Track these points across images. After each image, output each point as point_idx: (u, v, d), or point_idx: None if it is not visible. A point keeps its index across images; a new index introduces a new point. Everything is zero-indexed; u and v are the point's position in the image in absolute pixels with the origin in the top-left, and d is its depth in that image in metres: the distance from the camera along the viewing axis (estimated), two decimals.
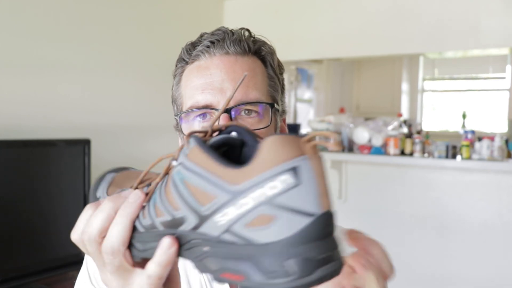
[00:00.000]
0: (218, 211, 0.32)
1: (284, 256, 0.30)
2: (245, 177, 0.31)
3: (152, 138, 2.31)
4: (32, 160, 1.60)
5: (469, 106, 5.16)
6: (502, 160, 2.65)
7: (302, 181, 0.30)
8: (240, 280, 0.32)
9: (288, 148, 0.30)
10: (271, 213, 0.30)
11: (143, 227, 0.38)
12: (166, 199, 0.37)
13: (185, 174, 0.35)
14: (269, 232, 0.30)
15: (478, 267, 2.55)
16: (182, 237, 0.36)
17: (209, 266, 0.34)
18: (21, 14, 1.79)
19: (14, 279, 1.52)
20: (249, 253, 0.31)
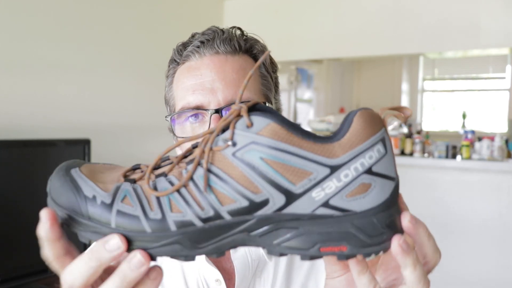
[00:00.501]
0: (316, 187, 0.33)
1: (385, 218, 0.33)
2: (344, 149, 0.32)
3: (152, 138, 2.31)
4: (32, 160, 1.60)
5: (469, 106, 5.16)
6: (502, 160, 2.66)
7: (388, 150, 0.34)
8: (342, 250, 0.33)
9: (376, 121, 0.34)
10: (369, 181, 0.33)
11: (202, 220, 0.33)
12: (235, 183, 0.33)
13: (265, 152, 0.32)
14: (368, 199, 0.33)
15: (478, 266, 2.55)
16: (255, 224, 0.33)
17: (298, 246, 0.33)
18: (21, 14, 1.79)
19: (14, 279, 1.52)
20: (351, 222, 0.33)
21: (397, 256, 0.34)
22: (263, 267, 0.64)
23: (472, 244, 2.58)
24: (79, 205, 0.33)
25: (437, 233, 2.16)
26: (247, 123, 0.33)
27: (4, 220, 1.51)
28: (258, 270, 0.64)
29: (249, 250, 0.63)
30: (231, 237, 0.33)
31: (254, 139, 0.33)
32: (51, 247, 0.34)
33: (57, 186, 0.34)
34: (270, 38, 0.71)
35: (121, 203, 0.33)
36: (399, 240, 0.34)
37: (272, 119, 0.33)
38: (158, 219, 0.33)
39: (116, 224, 0.33)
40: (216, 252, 0.34)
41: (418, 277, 0.36)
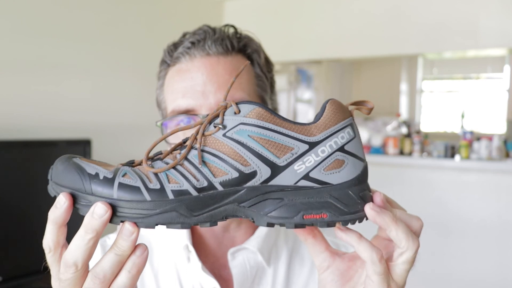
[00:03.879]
0: (298, 160, 0.37)
1: (358, 191, 0.38)
2: (319, 129, 0.38)
3: (153, 138, 2.31)
4: (33, 160, 1.61)
5: (467, 106, 5.17)
6: (500, 160, 2.67)
7: (356, 134, 0.39)
8: (323, 217, 0.37)
9: (344, 109, 0.39)
10: (343, 158, 0.38)
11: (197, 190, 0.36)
12: (227, 157, 0.37)
13: (252, 131, 0.37)
14: (342, 173, 0.38)
15: (477, 266, 2.56)
16: (244, 194, 0.37)
17: (283, 215, 0.37)
18: (21, 14, 1.80)
19: (14, 279, 1.52)
20: (329, 192, 0.38)
21: (374, 219, 0.37)
22: (261, 275, 0.63)
23: (471, 243, 2.59)
24: (82, 182, 0.36)
25: (436, 232, 2.18)
26: (235, 110, 0.38)
27: (4, 220, 1.52)
28: (256, 278, 0.62)
29: (248, 258, 0.62)
30: (223, 207, 0.37)
31: (242, 120, 0.38)
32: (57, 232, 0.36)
33: (61, 169, 0.37)
34: (270, 39, 0.70)
35: (122, 177, 0.36)
36: (370, 205, 0.38)
37: (257, 104, 0.38)
38: (157, 188, 0.36)
39: (117, 196, 0.35)
40: (210, 221, 0.37)
41: (405, 233, 0.38)
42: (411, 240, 0.38)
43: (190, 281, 0.61)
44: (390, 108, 5.04)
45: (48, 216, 0.36)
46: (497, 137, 2.73)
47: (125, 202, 0.35)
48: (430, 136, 3.18)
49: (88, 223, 0.35)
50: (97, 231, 0.35)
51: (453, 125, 5.17)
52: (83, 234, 0.35)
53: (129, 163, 0.40)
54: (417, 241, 0.39)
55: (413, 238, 0.38)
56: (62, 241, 0.37)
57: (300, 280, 0.64)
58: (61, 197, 0.36)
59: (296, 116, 4.02)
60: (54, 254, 0.37)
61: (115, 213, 0.36)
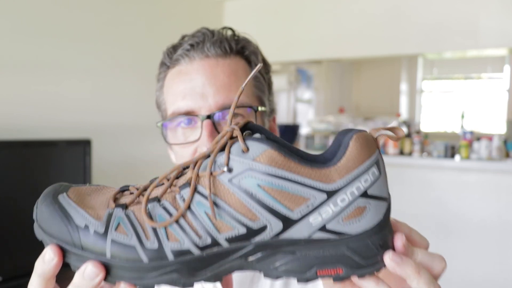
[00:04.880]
0: (313, 212, 0.33)
1: (379, 239, 0.34)
2: (340, 174, 0.33)
3: (153, 138, 2.31)
4: (33, 160, 1.61)
5: (467, 106, 5.17)
6: (500, 160, 2.66)
7: (381, 171, 0.34)
8: (339, 273, 0.34)
9: (370, 144, 0.34)
10: (364, 204, 0.33)
11: (200, 249, 0.32)
12: (233, 210, 0.32)
13: (262, 179, 0.32)
14: (363, 222, 0.33)
15: (477, 266, 2.56)
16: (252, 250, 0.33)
17: (295, 269, 0.33)
18: (21, 14, 1.80)
19: (14, 279, 1.53)
20: (347, 244, 0.33)
21: (395, 270, 0.34)
22: (260, 275, 0.63)
23: (471, 244, 2.59)
24: (70, 235, 0.32)
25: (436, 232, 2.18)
26: (242, 148, 0.33)
27: (4, 220, 1.52)
28: (255, 277, 0.63)
29: None
30: (228, 264, 0.33)
31: (250, 165, 0.32)
32: (45, 285, 0.34)
33: (46, 215, 0.33)
34: (270, 39, 0.70)
35: (115, 231, 0.32)
36: (389, 255, 0.34)
37: (268, 145, 0.33)
38: (155, 248, 0.32)
39: (111, 254, 0.32)
40: (214, 279, 0.33)
41: (426, 284, 0.35)
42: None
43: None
44: (390, 108, 5.05)
45: (35, 267, 0.33)
46: (497, 137, 2.73)
47: (120, 261, 0.32)
48: (430, 136, 3.18)
49: (79, 284, 0.32)
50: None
51: (453, 125, 5.17)
52: None
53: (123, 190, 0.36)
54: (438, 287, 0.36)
55: (434, 286, 0.35)
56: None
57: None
58: (49, 252, 0.33)
59: (296, 116, 4.02)
60: None
61: (109, 273, 0.32)
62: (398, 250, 0.35)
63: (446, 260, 0.38)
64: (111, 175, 2.06)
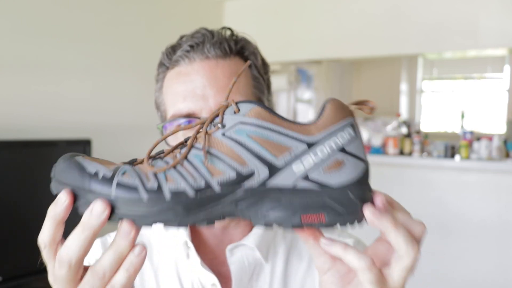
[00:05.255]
0: (296, 160, 0.37)
1: (358, 192, 0.37)
2: (319, 128, 0.38)
3: (153, 138, 2.31)
4: (33, 160, 1.61)
5: (467, 106, 5.17)
6: (500, 160, 2.67)
7: (357, 134, 0.38)
8: (321, 219, 0.37)
9: (346, 109, 0.39)
10: (343, 158, 0.37)
11: (194, 190, 0.36)
12: (225, 156, 0.37)
13: (251, 130, 0.37)
14: (342, 174, 0.37)
15: (477, 266, 2.56)
16: (242, 195, 0.37)
17: (281, 216, 0.37)
18: (21, 14, 1.80)
19: (14, 279, 1.53)
20: (328, 194, 0.37)
21: (373, 222, 0.37)
22: (259, 271, 0.63)
23: (471, 244, 2.59)
24: (82, 180, 0.36)
25: (436, 232, 2.18)
26: (234, 109, 0.38)
27: (4, 220, 1.52)
28: (254, 274, 0.63)
29: (246, 254, 0.63)
30: (220, 207, 0.37)
31: (241, 119, 0.37)
32: (55, 228, 0.37)
33: (63, 167, 0.37)
34: (270, 39, 0.70)
35: (121, 176, 0.36)
36: (369, 208, 0.37)
37: (256, 104, 0.38)
38: (155, 188, 0.36)
39: (116, 195, 0.36)
40: (207, 219, 0.37)
41: (404, 238, 0.36)
42: (411, 246, 0.37)
43: (189, 278, 0.62)
44: (390, 108, 5.05)
45: (48, 212, 0.37)
46: (497, 137, 2.73)
47: (123, 201, 0.36)
48: (430, 136, 3.18)
49: (86, 221, 0.35)
50: (95, 229, 0.36)
51: (453, 125, 5.17)
52: (80, 232, 0.36)
53: (131, 162, 0.40)
54: (417, 248, 0.37)
55: (413, 244, 0.37)
56: (59, 238, 0.38)
57: (298, 275, 0.65)
58: (62, 195, 0.36)
59: (296, 116, 4.02)
60: (49, 250, 0.37)
61: (113, 211, 0.36)
62: (378, 207, 0.38)
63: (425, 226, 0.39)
64: None
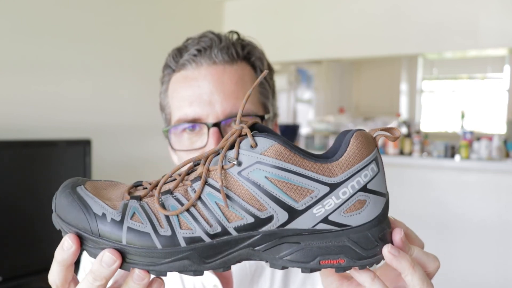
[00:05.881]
0: (317, 204, 0.35)
1: (378, 232, 0.36)
2: (342, 169, 0.35)
3: (153, 138, 2.31)
4: (33, 160, 1.61)
5: (467, 106, 5.17)
6: (500, 160, 2.67)
7: (380, 168, 0.37)
8: (341, 263, 0.36)
9: (370, 142, 0.36)
10: (364, 197, 0.36)
11: (210, 237, 0.34)
12: (242, 201, 0.35)
13: (270, 172, 0.34)
14: (363, 214, 0.36)
15: (477, 266, 2.56)
16: (260, 239, 0.35)
17: (300, 259, 0.36)
18: (21, 14, 1.80)
19: (14, 279, 1.53)
20: (348, 236, 0.36)
21: (391, 263, 0.36)
22: (260, 273, 0.64)
23: (471, 244, 2.59)
24: (88, 223, 0.34)
25: (436, 232, 2.18)
26: (251, 143, 0.35)
27: (4, 220, 1.52)
28: (255, 276, 0.64)
29: None
30: (237, 252, 0.35)
31: (259, 159, 0.35)
32: (65, 272, 0.36)
33: (65, 204, 0.35)
34: (270, 39, 0.70)
35: (131, 220, 0.34)
36: (388, 248, 0.36)
37: (276, 140, 0.35)
38: (168, 235, 0.34)
39: (127, 241, 0.34)
40: (223, 267, 0.35)
41: (420, 279, 0.37)
42: (425, 286, 0.37)
43: (191, 279, 0.63)
44: (390, 108, 5.05)
45: (55, 256, 0.35)
46: (497, 137, 2.73)
47: (135, 249, 0.34)
48: (430, 136, 3.18)
49: (97, 271, 0.34)
50: (106, 279, 0.35)
51: (453, 125, 5.17)
52: (91, 281, 0.35)
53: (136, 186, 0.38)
54: (431, 286, 0.38)
55: (427, 284, 0.37)
56: (70, 278, 0.37)
57: (298, 278, 0.66)
58: (68, 240, 0.34)
59: (296, 116, 4.02)
60: None
61: (125, 259, 0.34)
62: (396, 244, 0.37)
63: (440, 261, 0.39)
64: (111, 175, 2.06)
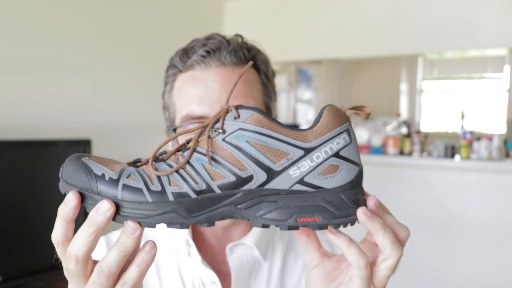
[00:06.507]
0: (293, 165, 0.39)
1: (351, 195, 0.39)
2: (315, 135, 0.39)
3: (153, 138, 2.31)
4: (33, 160, 1.61)
5: (467, 106, 5.17)
6: (500, 160, 2.67)
7: (352, 139, 0.40)
8: (315, 220, 0.39)
9: (341, 115, 0.40)
10: (337, 163, 0.39)
11: (196, 193, 0.38)
12: (225, 162, 0.39)
13: (250, 136, 0.39)
14: (336, 178, 0.39)
15: (477, 266, 2.56)
16: (241, 197, 0.39)
17: (278, 217, 0.39)
18: (21, 14, 1.80)
19: (14, 279, 1.53)
20: (322, 196, 0.39)
21: (365, 223, 0.39)
22: (258, 269, 0.66)
23: (471, 244, 2.59)
24: (89, 182, 0.38)
25: (436, 232, 2.18)
26: (235, 115, 0.39)
27: (4, 220, 1.52)
28: (253, 272, 0.65)
29: (245, 253, 0.65)
30: (220, 209, 0.39)
31: (241, 126, 0.39)
32: (66, 227, 0.39)
33: (70, 168, 0.39)
34: (270, 39, 0.71)
35: (127, 179, 0.38)
36: (362, 209, 0.39)
37: (256, 110, 0.39)
38: (159, 190, 0.38)
39: (121, 196, 0.38)
40: (207, 221, 0.39)
41: (390, 240, 0.40)
42: (396, 248, 0.40)
43: (190, 275, 0.64)
44: (390, 108, 5.04)
45: (58, 212, 0.39)
46: (497, 137, 2.73)
47: (128, 202, 0.38)
48: (430, 136, 3.18)
49: (92, 218, 0.37)
50: (99, 226, 0.37)
51: (453, 125, 5.17)
52: (86, 229, 0.38)
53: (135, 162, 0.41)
54: (401, 250, 0.40)
55: (398, 247, 0.40)
56: (70, 236, 0.39)
57: (295, 274, 0.68)
58: (70, 196, 0.38)
59: (296, 116, 4.02)
60: (62, 248, 0.39)
61: (119, 212, 0.38)
62: (370, 208, 0.40)
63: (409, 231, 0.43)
64: None
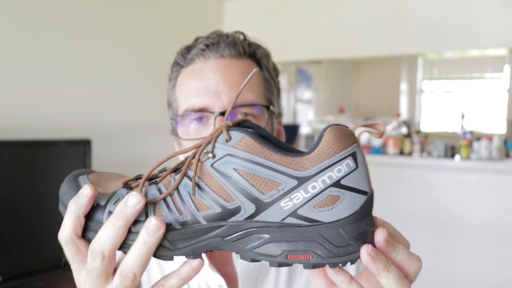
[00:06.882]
0: (285, 197, 0.35)
1: (353, 230, 0.34)
2: (313, 163, 0.34)
3: (153, 138, 2.31)
4: (33, 160, 1.61)
5: (467, 106, 5.17)
6: (500, 160, 2.67)
7: (359, 164, 0.35)
8: (308, 259, 0.35)
9: (347, 137, 0.35)
10: (338, 193, 0.34)
11: (180, 224, 0.36)
12: (211, 191, 0.36)
13: (238, 164, 0.35)
14: (336, 210, 0.34)
15: (477, 266, 2.56)
16: (228, 229, 0.36)
17: (268, 253, 0.35)
18: (21, 14, 1.80)
19: (14, 279, 1.53)
20: (318, 232, 0.34)
21: (368, 265, 0.35)
22: (265, 273, 0.65)
23: (471, 244, 2.59)
24: None
25: (436, 232, 2.18)
26: (226, 137, 0.36)
27: (5, 219, 1.52)
28: (260, 276, 0.64)
29: None
30: (206, 241, 0.36)
31: (230, 151, 0.36)
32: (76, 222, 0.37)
33: (65, 190, 0.39)
34: (270, 39, 0.71)
35: (113, 205, 0.37)
36: (367, 249, 0.34)
37: (248, 134, 0.35)
38: (142, 220, 0.36)
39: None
40: (192, 254, 0.36)
41: (395, 280, 0.36)
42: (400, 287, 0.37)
43: (196, 279, 0.63)
44: (390, 108, 5.05)
45: (69, 207, 0.37)
46: (497, 137, 2.73)
47: None
48: (430, 136, 3.18)
49: (121, 211, 0.36)
50: (128, 220, 0.36)
51: (453, 125, 5.17)
52: (113, 222, 0.36)
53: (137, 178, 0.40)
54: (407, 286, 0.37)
55: (403, 285, 0.37)
56: (80, 232, 0.38)
57: (302, 279, 0.66)
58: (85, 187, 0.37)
59: (296, 116, 4.02)
60: (72, 246, 0.38)
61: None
62: (378, 245, 0.35)
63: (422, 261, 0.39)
64: None
